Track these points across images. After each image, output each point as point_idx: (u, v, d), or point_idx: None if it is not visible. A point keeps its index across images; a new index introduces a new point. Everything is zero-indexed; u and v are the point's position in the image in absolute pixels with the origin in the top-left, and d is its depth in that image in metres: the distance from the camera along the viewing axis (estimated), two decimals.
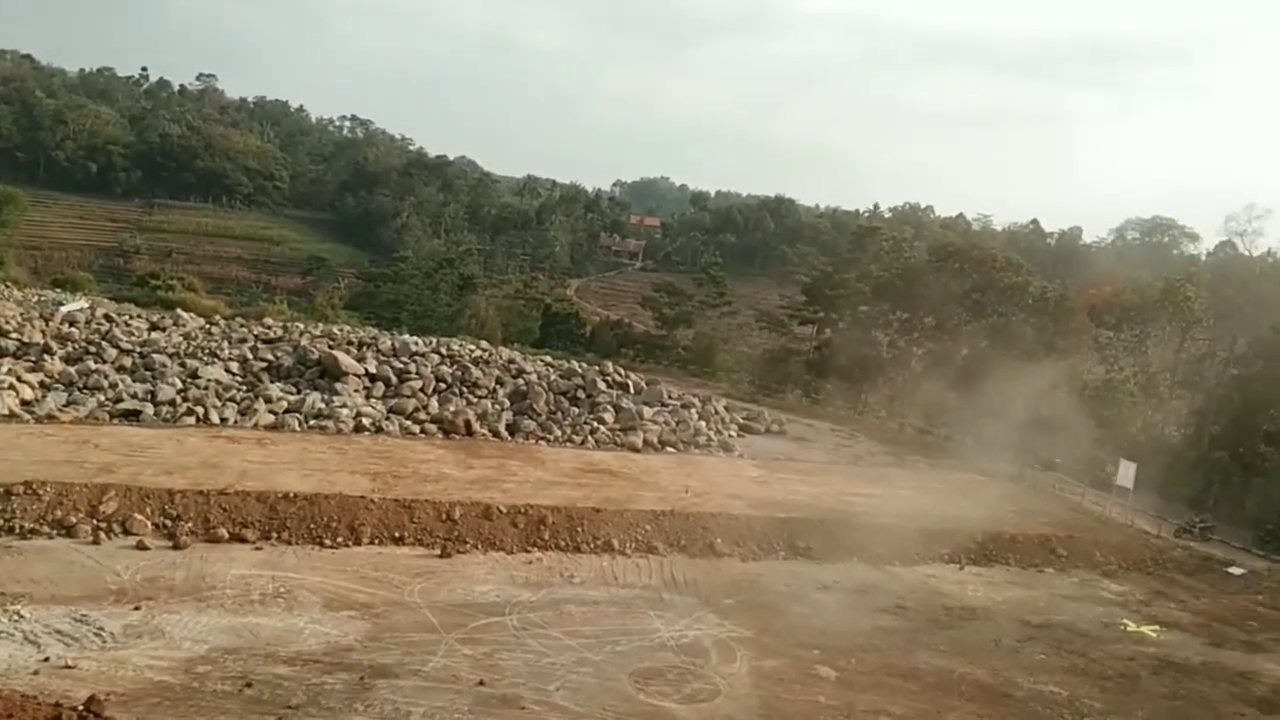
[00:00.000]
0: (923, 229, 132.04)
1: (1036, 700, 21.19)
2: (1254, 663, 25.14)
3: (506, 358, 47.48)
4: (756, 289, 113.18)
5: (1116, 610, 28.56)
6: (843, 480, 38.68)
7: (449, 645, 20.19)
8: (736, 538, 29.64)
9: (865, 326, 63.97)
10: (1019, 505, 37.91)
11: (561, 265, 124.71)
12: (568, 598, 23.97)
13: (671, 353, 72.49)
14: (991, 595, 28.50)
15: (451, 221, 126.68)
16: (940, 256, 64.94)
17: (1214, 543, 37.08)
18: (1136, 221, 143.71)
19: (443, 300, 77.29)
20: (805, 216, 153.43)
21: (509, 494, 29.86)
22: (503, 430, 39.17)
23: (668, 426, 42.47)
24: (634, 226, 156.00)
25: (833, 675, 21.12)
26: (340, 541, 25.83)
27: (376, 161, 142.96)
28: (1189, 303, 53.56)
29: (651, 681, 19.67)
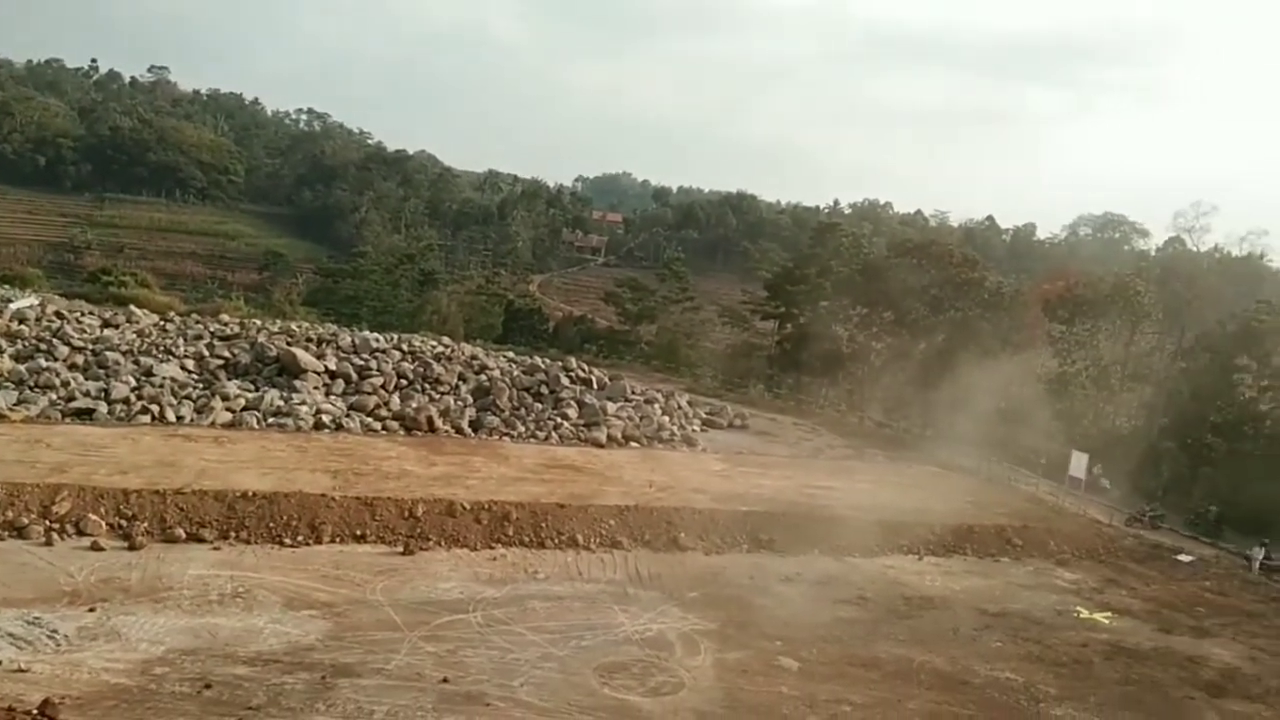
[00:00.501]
0: (882, 225, 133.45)
1: (993, 687, 21.57)
2: (1202, 648, 25.77)
3: (469, 354, 47.23)
4: (719, 284, 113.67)
5: (1070, 598, 29.13)
6: (804, 473, 39.01)
7: (412, 643, 20.09)
8: (700, 531, 29.79)
9: (826, 322, 64.49)
10: (975, 497, 38.51)
11: (524, 261, 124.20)
12: (532, 593, 23.95)
13: (635, 348, 72.58)
14: (949, 585, 28.93)
15: (412, 216, 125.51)
16: (899, 252, 65.62)
17: (1164, 531, 37.97)
18: (1089, 218, 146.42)
19: (403, 296, 76.60)
20: (767, 213, 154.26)
21: (472, 490, 29.74)
22: (466, 427, 38.98)
23: (631, 422, 42.53)
24: (596, 222, 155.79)
25: (795, 666, 21.33)
26: (300, 540, 25.56)
27: (334, 155, 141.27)
28: (1139, 297, 54.65)
29: (616, 675, 19.74)
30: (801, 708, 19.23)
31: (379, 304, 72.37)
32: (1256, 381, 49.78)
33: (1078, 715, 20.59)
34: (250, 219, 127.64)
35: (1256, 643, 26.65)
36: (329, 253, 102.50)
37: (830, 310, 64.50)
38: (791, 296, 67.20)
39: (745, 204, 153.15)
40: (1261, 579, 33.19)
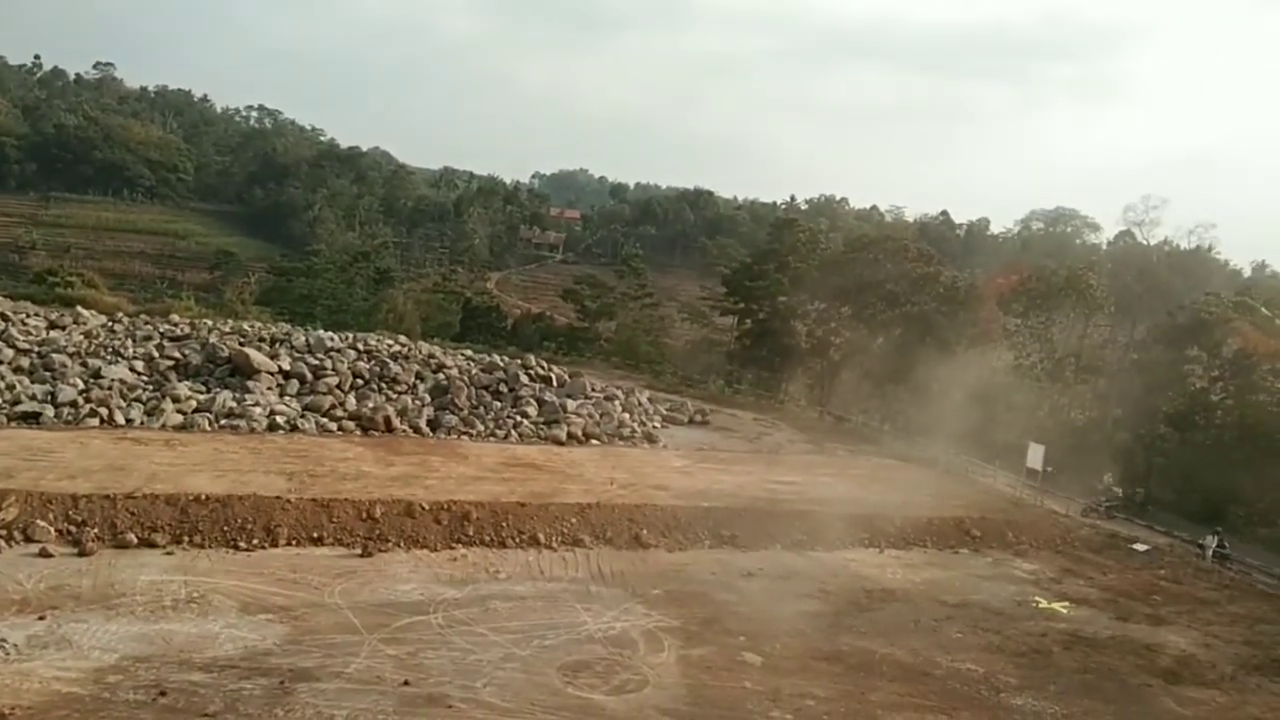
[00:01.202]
0: (838, 220, 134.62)
1: (955, 678, 21.80)
2: (1158, 635, 26.27)
3: (426, 352, 46.79)
4: (678, 280, 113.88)
5: (1029, 588, 29.56)
6: (765, 468, 39.18)
7: (372, 646, 19.83)
8: (662, 528, 29.78)
9: (785, 317, 64.87)
10: (934, 489, 38.92)
11: (481, 258, 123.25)
12: (493, 593, 23.76)
13: (594, 345, 72.40)
14: (910, 577, 29.21)
15: (366, 214, 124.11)
16: (855, 247, 66.25)
17: (1119, 521, 38.67)
18: (1041, 212, 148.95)
19: (358, 294, 75.64)
20: (724, 208, 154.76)
21: (431, 490, 29.44)
22: (424, 426, 38.60)
23: (592, 419, 42.40)
24: (554, 219, 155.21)
25: (759, 661, 21.39)
26: (256, 544, 25.13)
27: (286, 153, 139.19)
28: (1091, 290, 55.61)
29: (580, 674, 19.64)
30: (765, 702, 19.28)
31: (333, 303, 71.39)
32: (1206, 372, 50.92)
33: (1038, 704, 20.87)
34: (200, 217, 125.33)
35: (1211, 629, 27.21)
36: (282, 251, 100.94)
37: (789, 305, 64.89)
38: (750, 292, 67.49)
39: (703, 200, 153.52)
40: (1214, 566, 33.91)
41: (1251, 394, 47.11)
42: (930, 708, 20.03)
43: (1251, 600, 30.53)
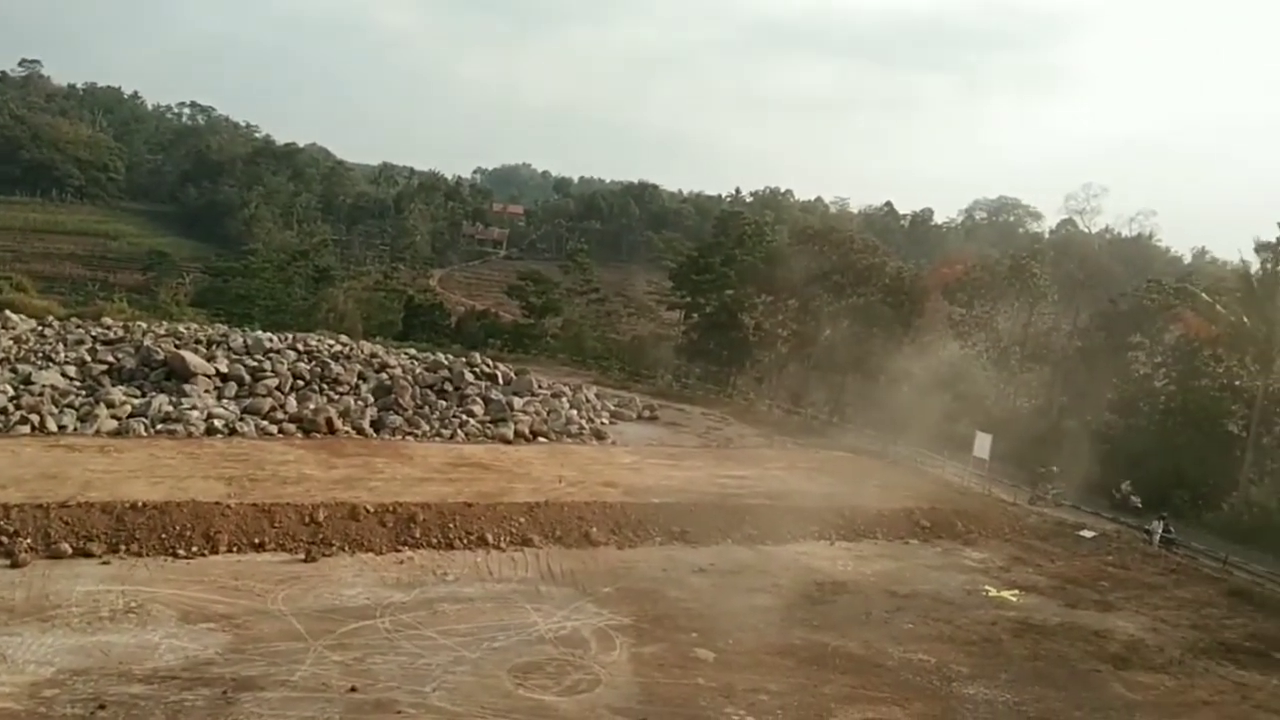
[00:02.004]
0: (783, 212, 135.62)
1: (907, 669, 22.09)
2: (1106, 621, 26.88)
3: (368, 352, 46.20)
4: (624, 275, 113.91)
5: (978, 577, 30.06)
6: (715, 463, 39.35)
7: (317, 653, 19.50)
8: (612, 526, 29.74)
9: (732, 310, 65.26)
10: (883, 480, 39.43)
11: (423, 255, 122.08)
12: (441, 596, 23.52)
13: (540, 342, 72.15)
14: (861, 569, 29.53)
15: (304, 212, 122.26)
16: (800, 239, 66.84)
17: (1066, 508, 39.53)
18: (984, 202, 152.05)
19: (297, 294, 74.54)
20: (669, 202, 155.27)
21: (376, 492, 29.06)
22: (367, 427, 38.11)
23: (539, 416, 42.22)
24: (497, 214, 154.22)
25: (711, 657, 21.46)
26: (195, 551, 24.55)
27: (220, 150, 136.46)
28: (1034, 279, 56.83)
29: (531, 676, 19.53)
30: (719, 699, 19.35)
31: (272, 303, 70.29)
32: (1149, 359, 52.36)
33: (989, 693, 21.21)
34: (132, 217, 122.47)
35: (1158, 614, 27.90)
36: (217, 251, 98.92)
37: (736, 299, 65.29)
38: (697, 286, 67.79)
39: (648, 194, 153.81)
40: (1161, 551, 34.80)
41: (1194, 380, 48.53)
42: (883, 699, 20.25)
43: (1197, 584, 31.39)
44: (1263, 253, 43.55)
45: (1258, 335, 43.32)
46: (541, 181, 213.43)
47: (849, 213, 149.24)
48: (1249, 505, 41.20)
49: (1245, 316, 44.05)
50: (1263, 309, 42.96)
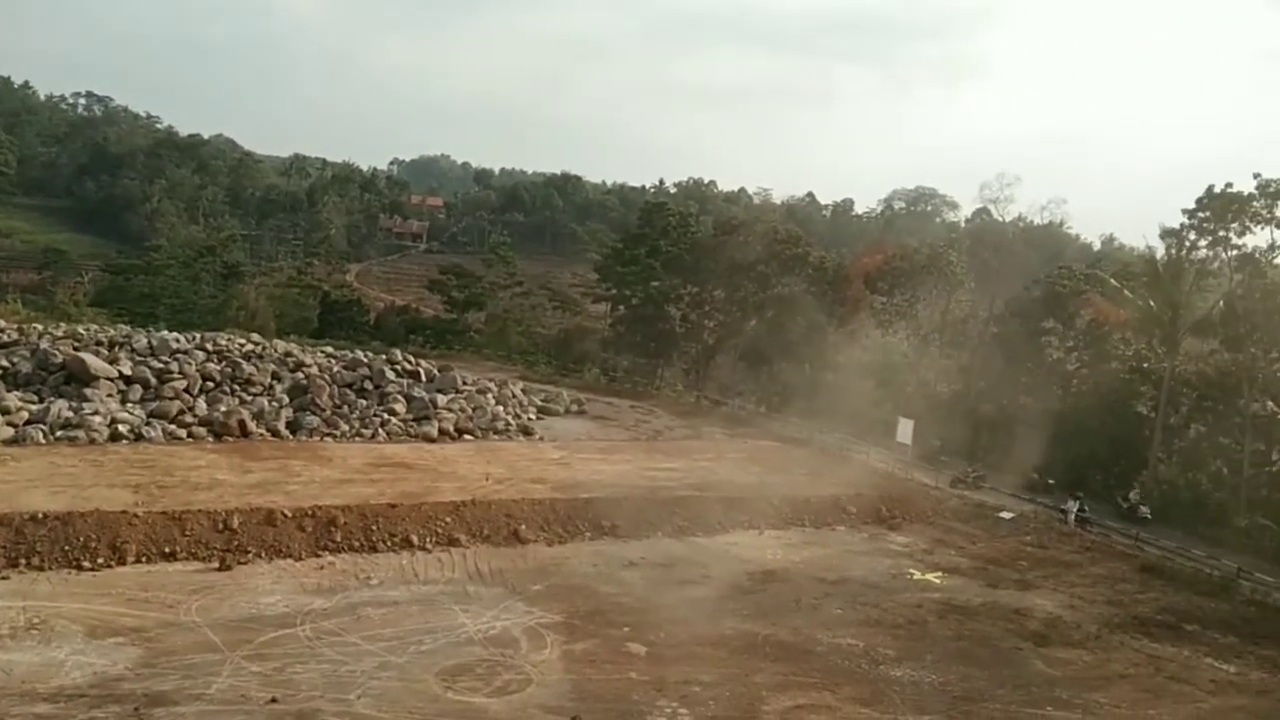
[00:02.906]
0: (708, 204, 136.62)
1: (836, 654, 22.50)
2: (1026, 599, 27.78)
3: (282, 350, 45.14)
4: (548, 268, 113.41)
5: (903, 561, 30.78)
6: (644, 456, 39.50)
7: (235, 664, 19.01)
8: (541, 522, 29.64)
9: (658, 302, 65.49)
10: (810, 467, 40.10)
11: (338, 249, 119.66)
12: (365, 600, 23.14)
13: (463, 337, 71.47)
14: (790, 557, 29.98)
15: (210, 206, 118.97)
16: (725, 230, 67.38)
17: (986, 490, 40.69)
18: (902, 192, 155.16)
19: (205, 291, 72.51)
20: (593, 193, 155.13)
21: (293, 496, 28.42)
22: (282, 429, 37.24)
23: (464, 413, 41.80)
24: (415, 207, 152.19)
25: (643, 651, 21.55)
26: (102, 562, 23.72)
27: (119, 142, 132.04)
28: (952, 267, 58.18)
29: (460, 678, 19.34)
30: (651, 692, 19.44)
31: (177, 301, 68.37)
32: (1062, 343, 54.07)
33: (916, 674, 21.74)
34: (25, 213, 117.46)
35: (1075, 591, 28.97)
36: (118, 248, 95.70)
37: (662, 290, 65.53)
38: (622, 278, 67.84)
39: (571, 185, 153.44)
40: (1076, 530, 36.11)
41: (1104, 363, 50.33)
42: (813, 685, 20.60)
43: (1111, 560, 32.65)
44: (1167, 239, 45.26)
45: (1163, 319, 45.08)
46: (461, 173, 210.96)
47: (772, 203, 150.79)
48: (1158, 483, 42.96)
49: (1152, 301, 45.81)
50: (1168, 293, 44.71)
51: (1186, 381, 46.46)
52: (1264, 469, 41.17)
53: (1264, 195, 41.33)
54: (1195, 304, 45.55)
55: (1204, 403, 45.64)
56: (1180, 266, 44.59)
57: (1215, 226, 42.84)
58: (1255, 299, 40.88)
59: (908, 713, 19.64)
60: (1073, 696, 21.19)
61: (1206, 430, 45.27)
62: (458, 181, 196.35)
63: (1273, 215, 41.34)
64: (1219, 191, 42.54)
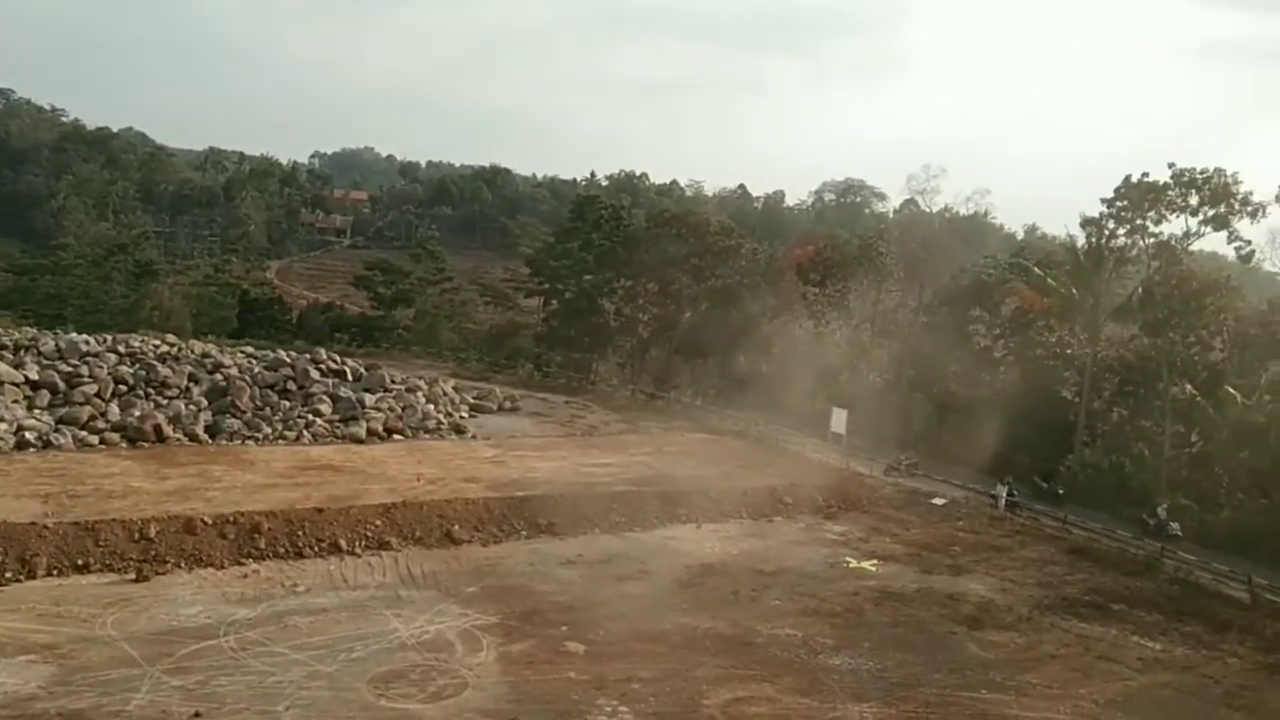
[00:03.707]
0: (639, 196, 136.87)
1: (775, 645, 22.67)
2: (959, 584, 28.33)
3: (200, 351, 43.97)
4: (478, 263, 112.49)
5: (840, 550, 31.15)
6: (580, 452, 39.34)
7: (154, 678, 18.40)
8: (475, 522, 29.31)
9: (591, 296, 65.33)
10: (746, 459, 40.37)
11: (258, 246, 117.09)
12: (292, 608, 22.60)
13: (391, 334, 70.42)
14: (728, 549, 30.13)
15: (121, 202, 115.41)
16: (657, 223, 67.43)
17: (919, 478, 41.41)
18: (832, 184, 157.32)
19: (116, 291, 70.34)
20: (523, 186, 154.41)
21: (214, 503, 27.65)
22: (201, 433, 36.25)
23: (393, 413, 41.15)
24: (338, 201, 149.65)
25: (582, 649, 21.44)
26: (10, 577, 22.79)
27: (22, 136, 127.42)
28: (881, 258, 59.14)
29: (393, 685, 19.00)
30: (590, 691, 19.35)
31: (86, 302, 66.26)
32: (989, 331, 55.36)
33: (853, 662, 22.01)
34: None
35: (1006, 574, 29.62)
36: (21, 246, 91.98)
37: (595, 284, 65.38)
38: (555, 272, 67.53)
39: (501, 178, 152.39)
40: (1006, 514, 36.92)
41: (1030, 350, 51.65)
42: (753, 677, 20.72)
43: (1041, 544, 33.45)
44: (1087, 227, 46.53)
45: (1085, 306, 46.43)
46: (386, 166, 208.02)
47: (704, 196, 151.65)
48: (1083, 466, 44.21)
49: (1074, 289, 47.09)
50: (1089, 281, 46.03)
51: (1108, 367, 47.94)
52: (1184, 451, 42.65)
53: (1178, 184, 42.75)
54: (1115, 291, 46.99)
55: (1125, 387, 47.15)
56: (1100, 254, 45.91)
57: (1133, 215, 44.21)
58: (1172, 285, 42.25)
59: (846, 701, 19.85)
60: (1006, 678, 21.66)
61: (1128, 414, 46.77)
62: (382, 174, 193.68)
63: (1187, 204, 42.80)
64: (1136, 181, 43.88)
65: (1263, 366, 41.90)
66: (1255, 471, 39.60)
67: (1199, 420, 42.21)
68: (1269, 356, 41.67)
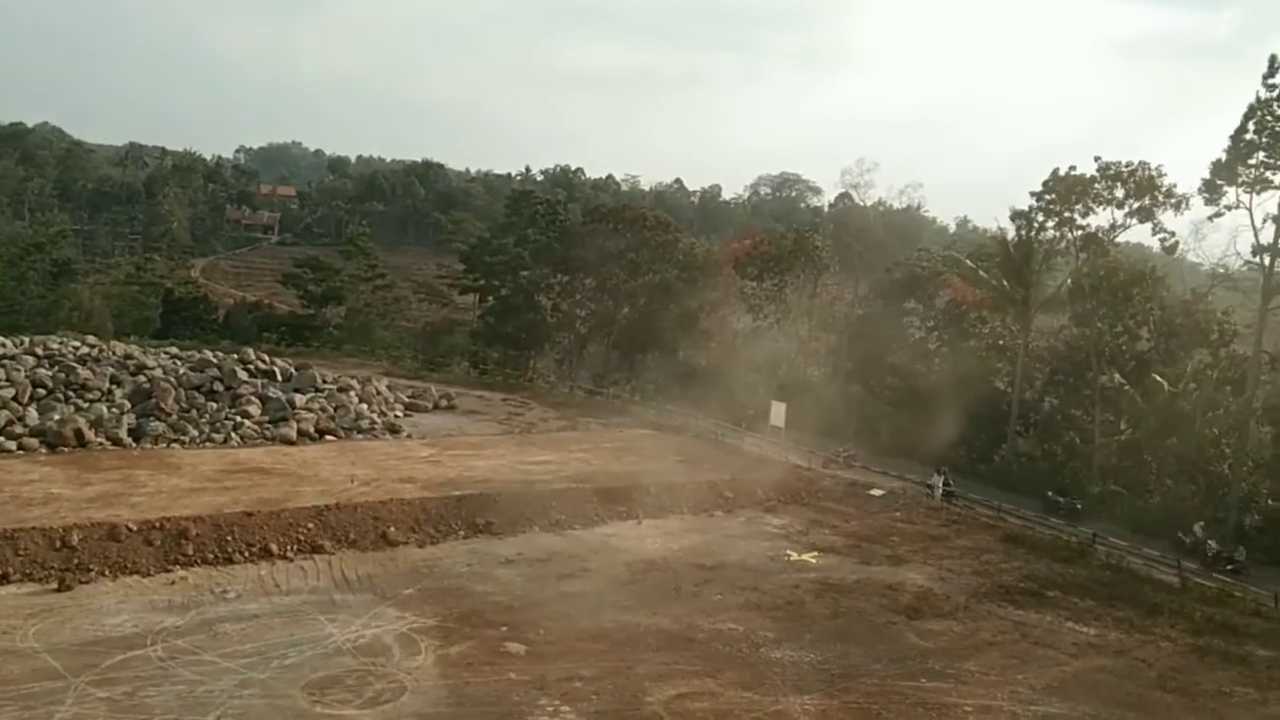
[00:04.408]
0: (575, 191, 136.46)
1: (717, 640, 22.76)
2: (898, 574, 28.77)
3: (122, 353, 42.82)
4: (411, 259, 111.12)
5: (780, 543, 31.40)
6: (517, 450, 39.09)
7: (79, 690, 17.82)
8: (411, 524, 28.94)
9: (528, 292, 64.99)
10: (685, 455, 40.51)
11: (181, 244, 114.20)
12: (222, 615, 22.07)
13: (322, 333, 69.23)
14: (668, 545, 30.19)
15: (37, 199, 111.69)
16: (594, 218, 67.42)
17: (857, 469, 41.98)
18: (768, 178, 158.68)
19: (33, 292, 67.99)
20: (457, 181, 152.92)
21: (139, 508, 26.88)
22: (124, 437, 35.24)
23: (325, 413, 40.44)
24: (265, 197, 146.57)
25: (522, 650, 21.30)
26: None
27: None
28: (817, 251, 59.87)
29: (329, 691, 18.66)
30: (532, 691, 19.23)
31: (2, 303, 63.97)
32: (923, 323, 56.38)
33: (795, 654, 22.20)
34: None
35: (943, 564, 30.18)
36: None
37: (531, 280, 65.06)
38: (490, 268, 67.02)
39: (433, 173, 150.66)
40: (943, 504, 37.64)
41: (963, 341, 52.74)
42: (695, 672, 20.78)
43: (977, 533, 34.16)
44: (1017, 220, 47.68)
45: (1016, 298, 47.55)
46: (314, 161, 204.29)
47: (640, 190, 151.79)
48: (1016, 455, 45.28)
49: (1005, 280, 48.20)
50: (1019, 273, 47.14)
51: (1039, 357, 49.20)
52: (1113, 438, 43.90)
53: (1104, 177, 44.01)
54: (1045, 283, 48.19)
55: (1056, 377, 48.42)
56: (1030, 247, 47.05)
57: (1060, 208, 45.41)
58: (1099, 276, 43.47)
59: (788, 693, 20.02)
60: (945, 667, 22.05)
61: (1059, 403, 48.03)
62: (310, 170, 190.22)
63: (1113, 196, 44.09)
64: (1064, 174, 45.02)
65: (1188, 355, 43.35)
66: (1182, 458, 40.96)
67: (1127, 408, 43.49)
68: (1194, 345, 43.10)
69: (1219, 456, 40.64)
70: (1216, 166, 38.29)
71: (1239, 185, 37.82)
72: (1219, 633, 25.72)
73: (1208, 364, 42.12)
